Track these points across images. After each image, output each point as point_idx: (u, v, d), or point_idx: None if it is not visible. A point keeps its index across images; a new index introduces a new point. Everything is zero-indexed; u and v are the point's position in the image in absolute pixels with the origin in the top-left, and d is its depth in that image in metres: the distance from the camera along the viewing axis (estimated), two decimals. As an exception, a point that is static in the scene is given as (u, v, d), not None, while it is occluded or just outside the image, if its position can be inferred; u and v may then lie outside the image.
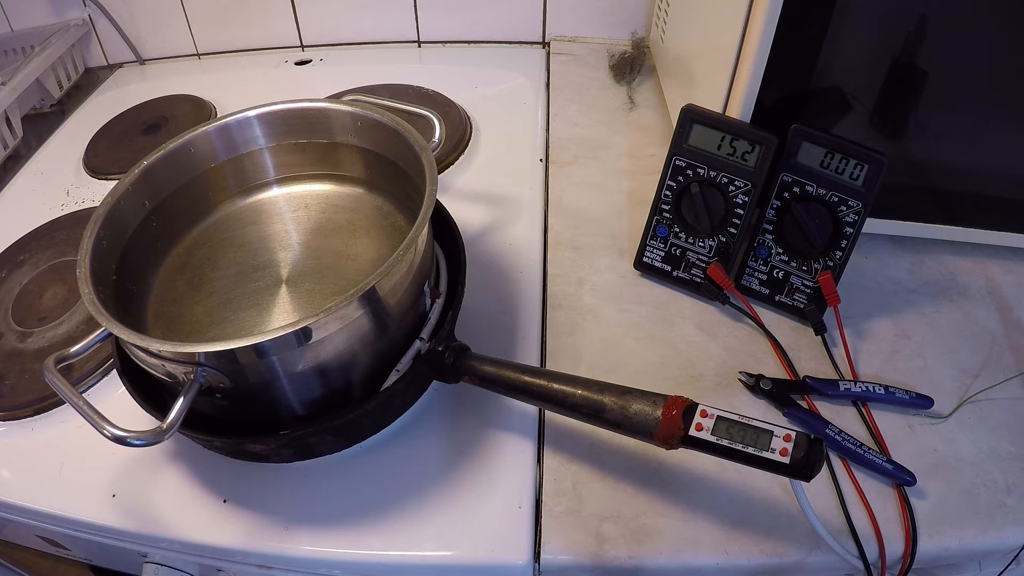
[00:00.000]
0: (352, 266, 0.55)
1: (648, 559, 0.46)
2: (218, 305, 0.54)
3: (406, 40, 0.99)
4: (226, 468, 0.51)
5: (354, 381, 0.48)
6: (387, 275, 0.44)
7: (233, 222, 0.60)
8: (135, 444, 0.39)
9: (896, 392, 0.52)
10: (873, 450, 0.49)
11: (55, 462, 0.52)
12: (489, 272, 0.64)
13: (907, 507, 0.47)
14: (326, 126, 0.59)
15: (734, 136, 0.56)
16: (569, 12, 0.94)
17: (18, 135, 0.87)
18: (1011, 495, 0.48)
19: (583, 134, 0.80)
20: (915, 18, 0.50)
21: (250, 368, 0.44)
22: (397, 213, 0.59)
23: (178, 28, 0.98)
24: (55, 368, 0.44)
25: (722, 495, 0.48)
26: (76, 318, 0.62)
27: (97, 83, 0.98)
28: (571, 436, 0.52)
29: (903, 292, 0.61)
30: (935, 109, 0.55)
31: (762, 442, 0.39)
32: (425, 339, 0.50)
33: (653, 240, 0.61)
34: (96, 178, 0.80)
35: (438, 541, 0.46)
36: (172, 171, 0.57)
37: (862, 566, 0.45)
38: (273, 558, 0.48)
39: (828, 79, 0.54)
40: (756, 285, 0.60)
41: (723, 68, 0.56)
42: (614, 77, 0.89)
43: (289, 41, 0.99)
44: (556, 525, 0.47)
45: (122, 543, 0.50)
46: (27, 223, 0.73)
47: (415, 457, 0.51)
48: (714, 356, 0.57)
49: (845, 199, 0.54)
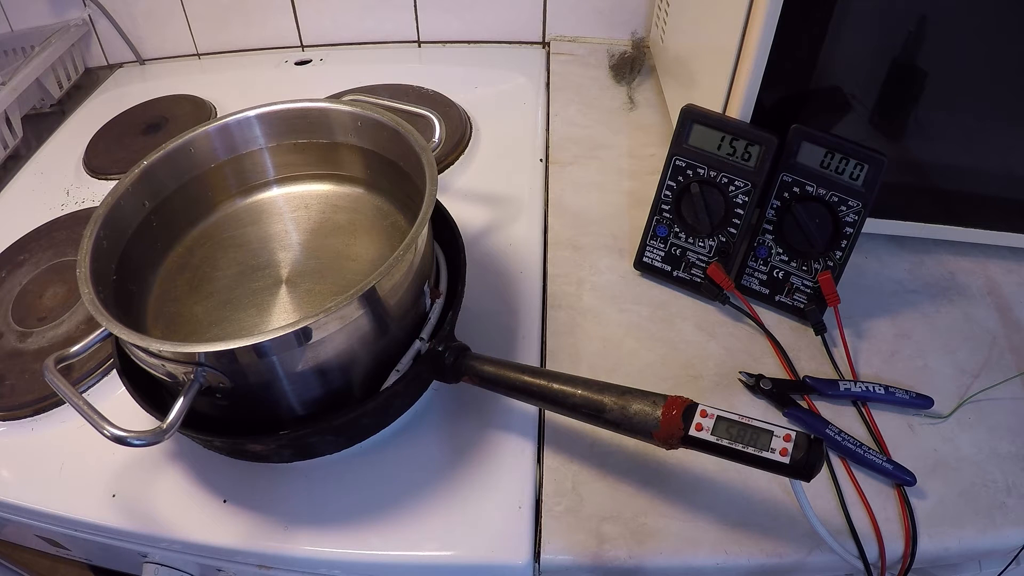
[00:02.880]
0: (352, 266, 0.55)
1: (648, 559, 0.46)
2: (218, 305, 0.54)
3: (406, 40, 0.99)
4: (226, 468, 0.51)
5: (354, 381, 0.48)
6: (387, 275, 0.44)
7: (233, 222, 0.60)
8: (135, 444, 0.39)
9: (896, 392, 0.53)
10: (873, 450, 0.49)
11: (55, 462, 0.52)
12: (489, 272, 0.64)
13: (907, 507, 0.47)
14: (326, 126, 0.59)
15: (734, 136, 0.56)
16: (569, 12, 0.94)
17: (18, 135, 0.87)
18: (1011, 495, 0.48)
19: (583, 134, 0.80)
20: (915, 18, 0.50)
21: (250, 368, 0.44)
22: (397, 213, 0.59)
23: (178, 28, 0.98)
24: (55, 368, 0.44)
25: (722, 495, 0.48)
26: (76, 318, 0.62)
27: (97, 83, 0.98)
28: (571, 436, 0.52)
29: (903, 292, 0.61)
30: (935, 109, 0.55)
31: (762, 442, 0.39)
32: (425, 339, 0.50)
33: (653, 240, 0.61)
34: (96, 178, 0.80)
35: (438, 541, 0.46)
36: (172, 171, 0.57)
37: (862, 566, 0.45)
38: (273, 558, 0.48)
39: (828, 79, 0.54)
40: (756, 285, 0.60)
41: (723, 68, 0.56)
42: (614, 77, 0.89)
43: (289, 41, 0.99)
44: (556, 525, 0.47)
45: (122, 543, 0.50)
46: (27, 223, 0.73)
47: (415, 457, 0.51)
48: (714, 356, 0.57)
49: (845, 199, 0.54)
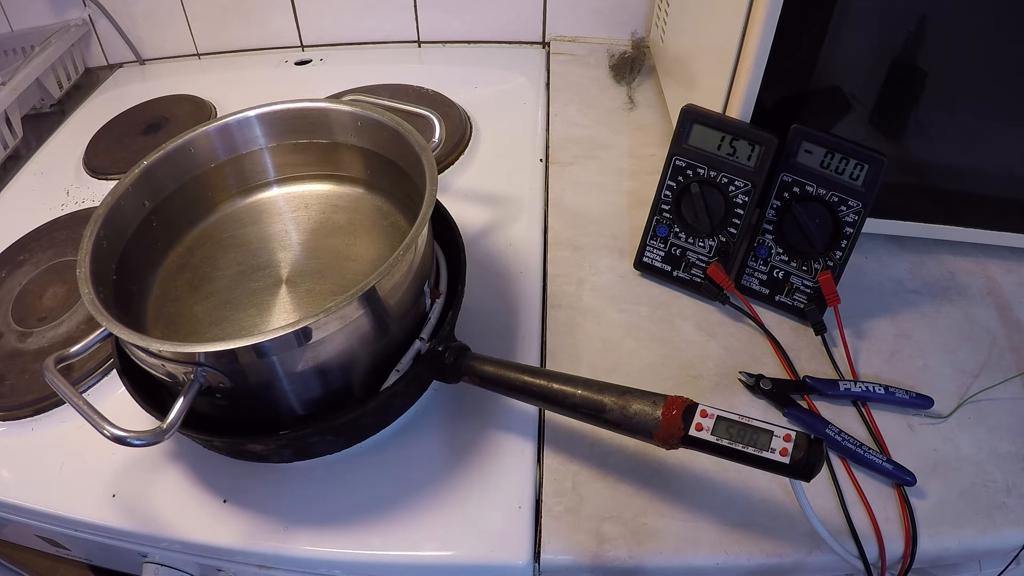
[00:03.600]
0: (352, 266, 0.55)
1: (648, 559, 0.46)
2: (218, 305, 0.54)
3: (406, 40, 0.99)
4: (226, 468, 0.51)
5: (354, 381, 0.48)
6: (387, 275, 0.44)
7: (233, 222, 0.60)
8: (135, 444, 0.39)
9: (896, 392, 0.52)
10: (873, 450, 0.49)
11: (55, 462, 0.52)
12: (489, 272, 0.64)
13: (907, 507, 0.47)
14: (326, 126, 0.59)
15: (734, 136, 0.56)
16: (569, 12, 0.94)
17: (18, 135, 0.87)
18: (1011, 495, 0.48)
19: (583, 134, 0.80)
20: (915, 18, 0.50)
21: (250, 368, 0.44)
22: (397, 213, 0.59)
23: (178, 28, 0.98)
24: (55, 368, 0.44)
25: (722, 495, 0.48)
26: (76, 318, 0.62)
27: (97, 83, 0.98)
28: (571, 436, 0.52)
29: (903, 292, 0.61)
30: (935, 109, 0.55)
31: (762, 442, 0.39)
32: (425, 339, 0.50)
33: (653, 240, 0.61)
34: (96, 178, 0.80)
35: (438, 541, 0.46)
36: (172, 171, 0.57)
37: (862, 566, 0.45)
38: (273, 558, 0.48)
39: (828, 79, 0.54)
40: (756, 285, 0.60)
41: (723, 68, 0.56)
42: (614, 77, 0.89)
43: (289, 41, 0.99)
44: (556, 525, 0.47)
45: (122, 543, 0.50)
46: (27, 223, 0.73)
47: (415, 457, 0.51)
48: (714, 356, 0.57)
49: (845, 199, 0.54)
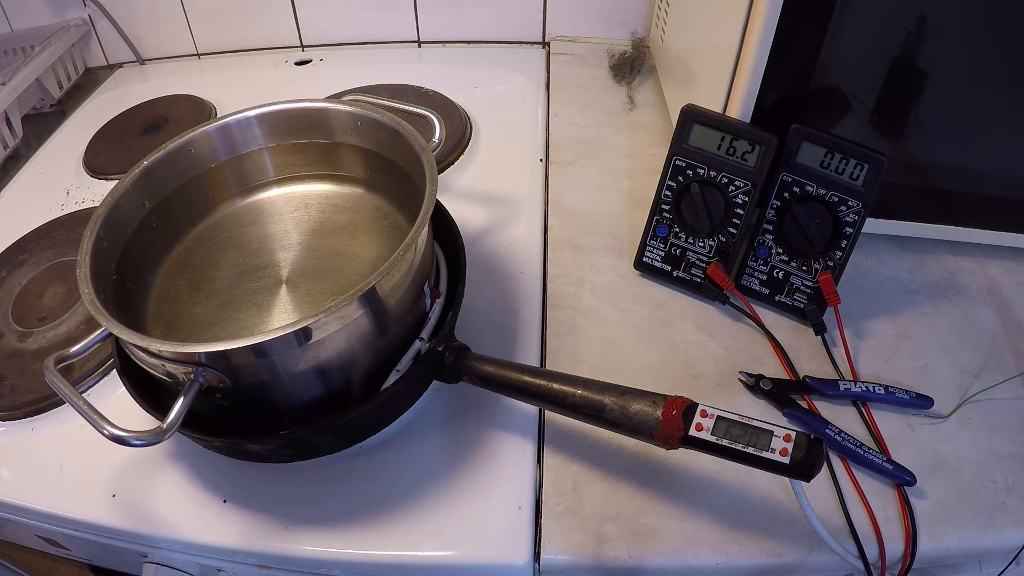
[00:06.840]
0: (352, 266, 0.55)
1: (648, 559, 0.46)
2: (218, 305, 0.54)
3: (406, 40, 0.99)
4: (226, 468, 0.51)
5: (354, 381, 0.48)
6: (387, 275, 0.44)
7: (233, 222, 0.60)
8: (135, 444, 0.39)
9: (896, 392, 0.52)
10: (873, 450, 0.49)
11: (55, 462, 0.52)
12: (489, 272, 0.64)
13: (907, 507, 0.47)
14: (326, 126, 0.59)
15: (734, 136, 0.56)
16: (569, 12, 0.94)
17: (18, 135, 0.87)
18: (1011, 495, 0.48)
19: (583, 134, 0.80)
20: (915, 18, 0.50)
21: (250, 368, 0.44)
22: (397, 213, 0.59)
23: (178, 28, 0.98)
24: (55, 368, 0.44)
25: (722, 495, 0.48)
26: (76, 318, 0.62)
27: (97, 83, 0.98)
28: (571, 436, 0.52)
29: (903, 292, 0.61)
30: (935, 109, 0.55)
31: (762, 442, 0.39)
32: (425, 339, 0.50)
33: (653, 240, 0.61)
34: (96, 178, 0.80)
35: (438, 541, 0.46)
36: (172, 171, 0.57)
37: (862, 566, 0.45)
38: (273, 558, 0.48)
39: (828, 79, 0.54)
40: (756, 285, 0.60)
41: (723, 68, 0.56)
42: (614, 77, 0.89)
43: (289, 41, 0.99)
44: (556, 525, 0.47)
45: (122, 543, 0.50)
46: (27, 223, 0.73)
47: (415, 457, 0.51)
48: (714, 356, 0.57)
49: (845, 199, 0.54)
